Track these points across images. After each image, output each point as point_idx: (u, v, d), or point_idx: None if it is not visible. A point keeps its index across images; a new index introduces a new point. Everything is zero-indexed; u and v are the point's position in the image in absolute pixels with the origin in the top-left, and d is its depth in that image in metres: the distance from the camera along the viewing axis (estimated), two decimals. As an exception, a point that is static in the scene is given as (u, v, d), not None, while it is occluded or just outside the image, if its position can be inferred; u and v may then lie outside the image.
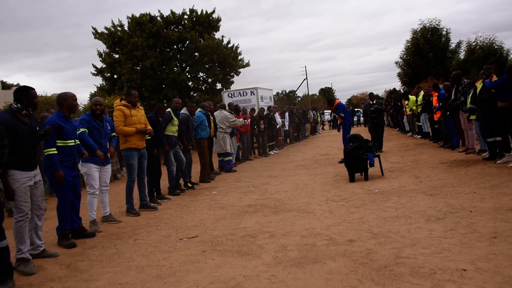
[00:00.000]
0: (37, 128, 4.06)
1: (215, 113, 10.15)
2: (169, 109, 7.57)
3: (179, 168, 7.69)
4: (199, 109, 9.18)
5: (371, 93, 12.31)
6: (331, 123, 33.61)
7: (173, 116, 7.49)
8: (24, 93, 3.89)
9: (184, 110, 8.38)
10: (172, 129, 7.48)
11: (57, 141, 4.54)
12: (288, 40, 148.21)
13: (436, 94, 10.76)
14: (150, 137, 6.35)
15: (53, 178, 4.58)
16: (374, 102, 11.47)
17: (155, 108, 7.10)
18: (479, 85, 7.66)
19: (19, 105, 3.85)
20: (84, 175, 5.33)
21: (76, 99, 4.79)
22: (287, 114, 17.15)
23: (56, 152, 4.47)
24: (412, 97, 14.43)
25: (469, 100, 8.11)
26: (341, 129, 10.85)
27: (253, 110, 13.19)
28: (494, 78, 6.98)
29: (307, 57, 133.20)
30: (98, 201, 5.41)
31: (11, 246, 4.17)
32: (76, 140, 4.76)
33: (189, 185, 8.11)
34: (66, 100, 4.65)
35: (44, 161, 4.54)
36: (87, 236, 4.91)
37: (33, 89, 3.99)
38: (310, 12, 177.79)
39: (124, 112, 5.97)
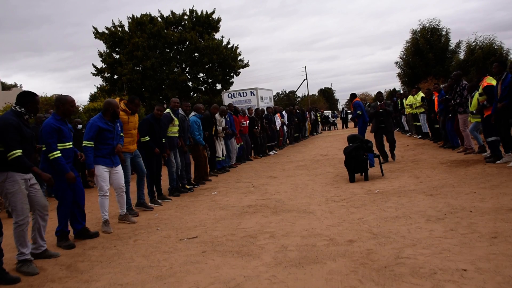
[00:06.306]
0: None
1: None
2: (168, 110, 7.46)
3: (175, 172, 7.55)
4: (193, 113, 8.75)
5: (379, 92, 10.24)
6: (330, 123, 33.60)
7: (173, 117, 7.42)
8: (30, 99, 4.01)
9: (179, 111, 8.32)
10: (173, 130, 7.41)
11: (57, 144, 4.51)
12: (293, 39, 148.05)
13: (437, 94, 10.76)
14: (147, 141, 6.32)
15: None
16: (383, 103, 9.47)
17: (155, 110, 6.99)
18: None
19: (23, 109, 3.95)
20: (94, 176, 5.32)
21: (74, 105, 4.79)
22: (284, 112, 17.10)
23: (60, 154, 4.46)
24: (415, 96, 13.91)
25: (475, 102, 7.99)
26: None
27: (250, 109, 13.07)
28: (486, 80, 7.08)
29: (310, 57, 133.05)
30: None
31: (11, 247, 4.19)
32: (71, 142, 4.75)
33: (187, 187, 8.00)
34: (63, 105, 4.61)
35: (42, 164, 4.51)
36: (91, 236, 4.91)
37: (37, 95, 4.15)
38: (317, 10, 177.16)
39: (122, 118, 5.85)
